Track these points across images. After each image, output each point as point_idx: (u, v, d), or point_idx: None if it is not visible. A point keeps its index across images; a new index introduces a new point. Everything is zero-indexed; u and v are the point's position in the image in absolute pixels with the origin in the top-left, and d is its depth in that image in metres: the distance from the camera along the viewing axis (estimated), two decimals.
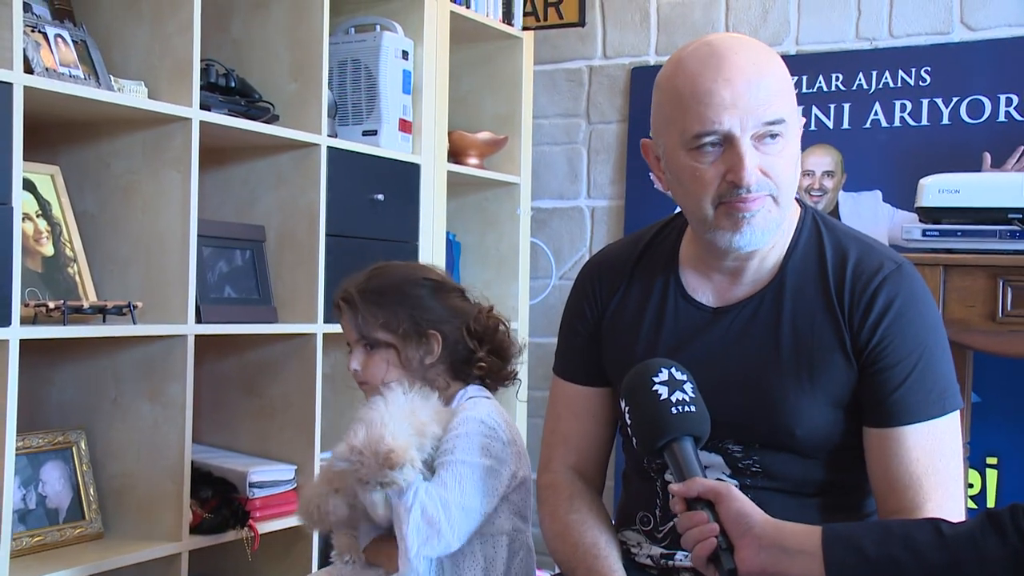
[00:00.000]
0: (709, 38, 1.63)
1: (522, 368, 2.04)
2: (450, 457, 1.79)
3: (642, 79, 3.55)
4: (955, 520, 1.45)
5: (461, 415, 1.85)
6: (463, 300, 1.98)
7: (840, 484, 1.67)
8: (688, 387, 1.53)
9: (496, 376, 1.97)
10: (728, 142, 1.57)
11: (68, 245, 2.41)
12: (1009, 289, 2.54)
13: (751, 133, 1.57)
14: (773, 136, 1.58)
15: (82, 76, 2.29)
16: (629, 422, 1.56)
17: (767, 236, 1.62)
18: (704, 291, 1.72)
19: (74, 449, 2.43)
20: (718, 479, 1.64)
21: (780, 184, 1.60)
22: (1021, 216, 2.58)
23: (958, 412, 1.63)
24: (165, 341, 2.40)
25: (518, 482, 1.86)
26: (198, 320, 2.45)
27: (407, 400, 1.81)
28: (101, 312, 2.30)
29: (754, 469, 1.65)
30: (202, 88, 2.48)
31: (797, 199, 1.74)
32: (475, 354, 1.93)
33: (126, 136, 2.45)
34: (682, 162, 1.61)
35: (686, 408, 1.51)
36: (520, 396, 2.11)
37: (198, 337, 2.43)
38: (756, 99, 1.57)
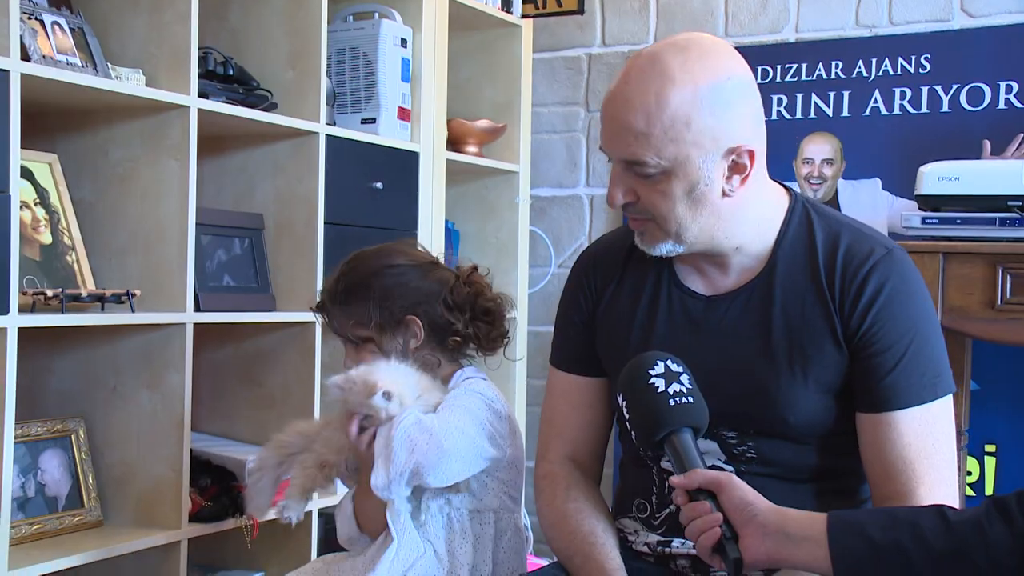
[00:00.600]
0: (644, 50, 1.64)
1: (520, 347, 2.02)
2: (449, 403, 1.80)
3: None
4: (949, 504, 1.46)
5: (460, 387, 1.86)
6: (438, 271, 1.94)
7: (835, 469, 1.68)
8: (685, 379, 1.53)
9: (488, 341, 1.95)
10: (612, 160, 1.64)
11: (66, 233, 2.40)
12: (1008, 277, 2.54)
13: (620, 160, 1.61)
14: (645, 176, 1.59)
15: (79, 64, 2.28)
16: (627, 416, 1.55)
17: (665, 248, 1.65)
18: (697, 281, 1.72)
19: (73, 437, 2.43)
20: (714, 465, 1.65)
21: (655, 215, 1.62)
22: (1021, 203, 2.57)
23: (950, 396, 1.63)
24: (164, 329, 2.40)
25: (510, 460, 1.86)
26: (197, 308, 2.45)
27: (408, 366, 1.83)
28: (99, 300, 2.29)
29: (749, 455, 1.66)
30: (200, 76, 2.47)
31: (787, 187, 1.74)
32: (455, 326, 1.90)
33: (124, 124, 2.45)
34: None
35: (684, 400, 1.51)
36: (509, 355, 2.08)
37: (197, 325, 2.43)
38: (615, 134, 1.60)
